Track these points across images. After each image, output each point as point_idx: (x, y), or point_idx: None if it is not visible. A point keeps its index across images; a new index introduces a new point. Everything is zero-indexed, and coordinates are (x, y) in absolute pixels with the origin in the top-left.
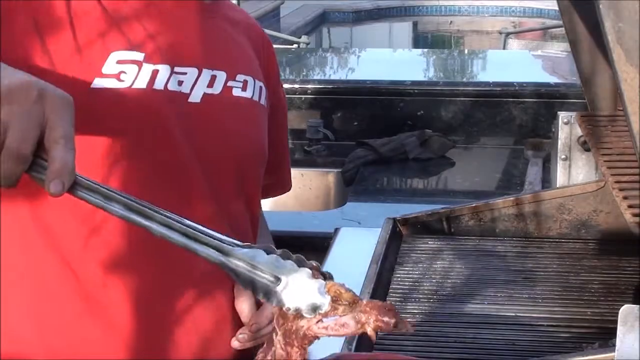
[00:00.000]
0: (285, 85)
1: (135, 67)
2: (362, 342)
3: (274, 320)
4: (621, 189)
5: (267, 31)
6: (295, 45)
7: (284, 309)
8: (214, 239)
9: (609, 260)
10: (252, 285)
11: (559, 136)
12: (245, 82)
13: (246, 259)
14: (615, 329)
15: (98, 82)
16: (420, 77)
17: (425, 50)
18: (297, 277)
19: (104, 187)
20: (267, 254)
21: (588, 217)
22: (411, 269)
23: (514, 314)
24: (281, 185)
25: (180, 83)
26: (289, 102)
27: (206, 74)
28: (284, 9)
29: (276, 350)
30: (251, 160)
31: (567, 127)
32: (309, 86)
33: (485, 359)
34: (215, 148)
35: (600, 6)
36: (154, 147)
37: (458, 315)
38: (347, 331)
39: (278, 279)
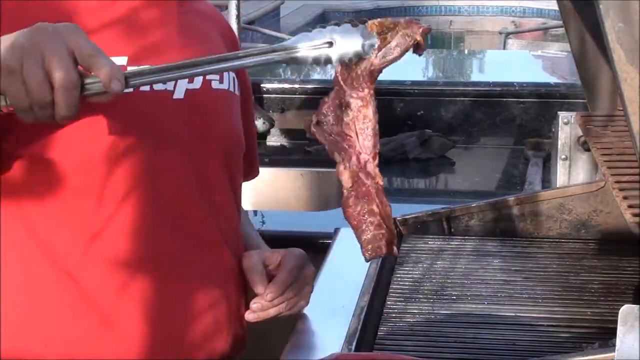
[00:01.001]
0: (285, 85)
1: None
2: (362, 341)
3: (338, 81)
4: (621, 189)
5: (267, 31)
6: None
7: (346, 61)
8: (261, 50)
9: (609, 260)
10: (316, 60)
11: (559, 136)
12: (221, 75)
13: (298, 43)
14: (615, 329)
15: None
16: (420, 77)
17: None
18: (343, 33)
19: (150, 67)
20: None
21: (588, 217)
22: (411, 269)
23: (514, 314)
24: (252, 171)
25: (164, 82)
26: (289, 102)
27: None
28: (284, 9)
29: (350, 106)
30: (234, 150)
31: (567, 127)
32: (309, 86)
33: (485, 359)
34: (202, 141)
35: (600, 6)
36: (147, 148)
37: (458, 315)
38: (403, 48)
39: (331, 43)
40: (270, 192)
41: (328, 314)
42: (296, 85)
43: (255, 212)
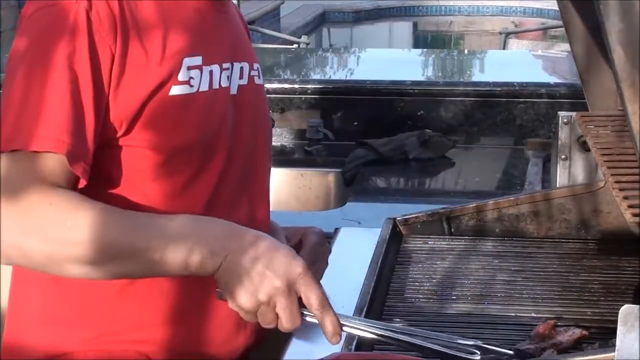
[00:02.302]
0: (285, 85)
1: (198, 72)
2: (362, 342)
3: None
4: (621, 189)
5: (267, 31)
6: (295, 45)
7: None
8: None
9: (609, 260)
10: None
11: (559, 136)
12: (259, 70)
13: None
14: (615, 329)
15: (175, 90)
16: (420, 77)
17: (425, 50)
18: None
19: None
20: None
21: (588, 217)
22: (411, 269)
23: (514, 314)
24: None
25: (227, 78)
26: (288, 102)
27: (237, 67)
28: (284, 9)
29: None
30: (270, 138)
31: (567, 127)
32: (309, 86)
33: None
34: (253, 132)
35: (600, 6)
36: (218, 144)
37: (458, 315)
38: None
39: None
40: (270, 192)
41: None
42: (296, 85)
43: None
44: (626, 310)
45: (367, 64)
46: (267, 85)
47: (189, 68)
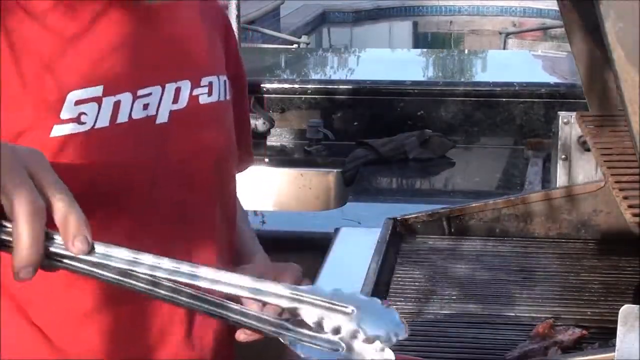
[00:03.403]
0: (285, 85)
1: (94, 105)
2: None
3: None
4: (621, 189)
5: (267, 31)
6: (295, 45)
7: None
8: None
9: (609, 260)
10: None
11: (559, 136)
12: (210, 85)
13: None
14: (615, 329)
15: (57, 130)
16: (420, 77)
17: (425, 50)
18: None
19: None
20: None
21: (588, 217)
22: (411, 269)
23: (514, 314)
24: (245, 160)
25: (145, 107)
26: (288, 102)
27: (170, 88)
28: (284, 9)
29: None
30: (226, 164)
31: (567, 127)
32: (309, 86)
33: (485, 359)
34: (191, 164)
35: (600, 6)
36: (129, 189)
37: (458, 315)
38: None
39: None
40: (270, 192)
41: None
42: (296, 85)
43: (255, 212)
44: (626, 310)
45: (367, 64)
46: (267, 85)
47: (79, 102)
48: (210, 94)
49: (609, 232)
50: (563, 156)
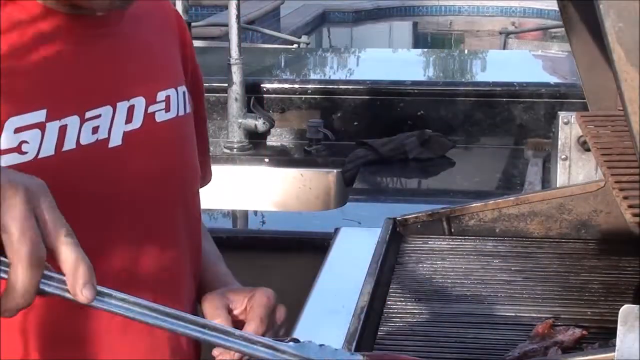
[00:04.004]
0: (285, 85)
1: (37, 132)
2: (362, 341)
3: None
4: (621, 189)
5: (267, 31)
6: (295, 45)
7: None
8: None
9: (609, 260)
10: None
11: (559, 136)
12: (167, 100)
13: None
14: (615, 329)
15: None
16: (420, 77)
17: (425, 50)
18: None
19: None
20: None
21: (588, 217)
22: (411, 269)
23: (514, 314)
24: (204, 175)
25: (95, 130)
26: (288, 102)
27: (122, 107)
28: (284, 9)
29: None
30: (187, 181)
31: (567, 127)
32: (309, 86)
33: (485, 359)
34: (150, 187)
35: (600, 6)
36: (83, 221)
37: (458, 315)
38: None
39: None
40: (270, 192)
41: (328, 314)
42: (296, 85)
43: (255, 212)
44: (626, 310)
45: (367, 64)
46: (267, 85)
47: (19, 130)
48: (168, 109)
49: (609, 232)
50: (563, 156)
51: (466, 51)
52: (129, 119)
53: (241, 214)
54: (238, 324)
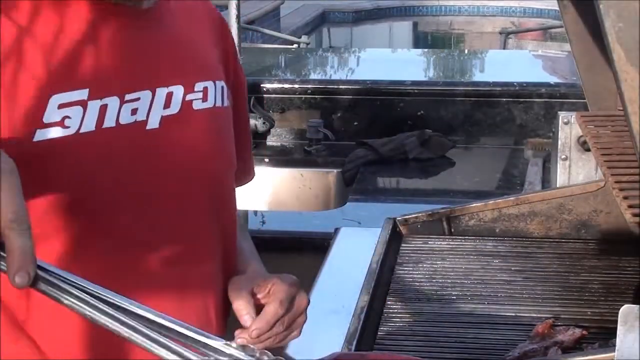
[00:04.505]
0: (285, 85)
1: (79, 109)
2: (362, 341)
3: None
4: (621, 189)
5: (267, 31)
6: (295, 45)
7: None
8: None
9: (609, 260)
10: None
11: (559, 136)
12: (205, 90)
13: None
14: (615, 329)
15: (40, 134)
16: (420, 77)
17: (425, 50)
18: None
19: (67, 276)
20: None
21: (588, 217)
22: (411, 269)
23: (514, 314)
24: (246, 173)
25: (134, 111)
26: (288, 102)
27: (160, 93)
28: (284, 9)
29: None
30: (222, 172)
31: (567, 127)
32: (309, 86)
33: (485, 359)
34: (183, 171)
35: (600, 6)
36: (115, 195)
37: (458, 315)
38: None
39: None
40: (270, 192)
41: (328, 314)
42: (296, 85)
43: (255, 212)
44: (626, 310)
45: (367, 64)
46: (267, 85)
47: (62, 106)
48: (205, 99)
49: (609, 232)
50: (563, 156)
51: (466, 51)
52: (167, 104)
53: (241, 214)
54: (260, 308)
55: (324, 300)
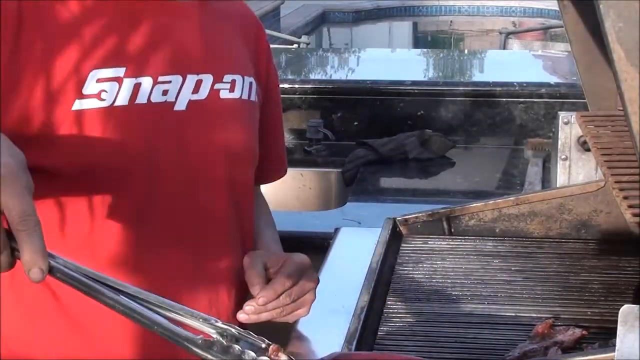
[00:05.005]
0: (285, 85)
1: (115, 84)
2: (362, 341)
3: None
4: (621, 189)
5: (267, 31)
6: (295, 45)
7: None
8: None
9: (609, 260)
10: None
11: (559, 136)
12: (233, 82)
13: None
14: (615, 329)
15: (79, 104)
16: (420, 77)
17: (425, 50)
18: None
19: (78, 267)
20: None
21: (588, 217)
22: (411, 269)
23: (514, 314)
24: (278, 169)
25: (165, 92)
26: (289, 102)
27: (191, 79)
28: (284, 9)
29: None
30: (241, 162)
31: (567, 127)
32: (309, 86)
33: (485, 359)
34: (204, 155)
35: (600, 6)
36: (140, 166)
37: (458, 315)
38: None
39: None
40: (270, 192)
41: (328, 314)
42: (296, 85)
43: None
44: (626, 310)
45: (367, 64)
46: None
47: (100, 80)
48: (232, 90)
49: (609, 232)
50: (563, 156)
51: (466, 51)
52: (195, 90)
53: None
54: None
55: (324, 300)
